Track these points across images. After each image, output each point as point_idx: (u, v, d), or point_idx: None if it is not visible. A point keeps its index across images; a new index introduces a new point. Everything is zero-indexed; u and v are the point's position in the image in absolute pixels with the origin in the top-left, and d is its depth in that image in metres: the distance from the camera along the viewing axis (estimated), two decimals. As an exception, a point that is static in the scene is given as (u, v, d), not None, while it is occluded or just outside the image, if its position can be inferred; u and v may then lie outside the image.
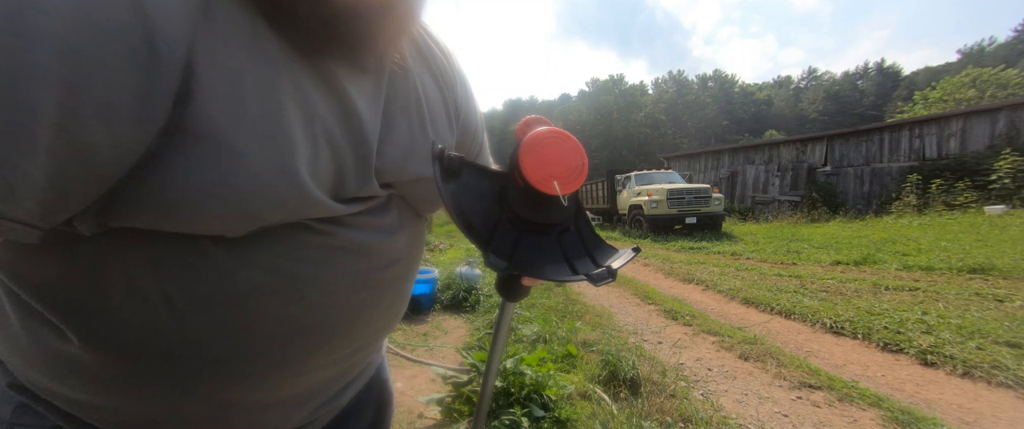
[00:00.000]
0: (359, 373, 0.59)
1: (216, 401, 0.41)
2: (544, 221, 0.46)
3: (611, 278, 0.44)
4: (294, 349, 0.42)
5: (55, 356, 0.38)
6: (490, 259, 0.42)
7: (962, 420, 1.88)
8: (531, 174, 0.41)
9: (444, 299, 3.86)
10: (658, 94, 73.79)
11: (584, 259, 0.47)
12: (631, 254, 0.48)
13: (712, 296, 4.33)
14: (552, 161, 0.42)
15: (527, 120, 0.48)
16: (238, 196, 0.32)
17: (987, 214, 8.90)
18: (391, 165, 0.45)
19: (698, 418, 1.86)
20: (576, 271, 0.45)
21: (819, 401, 2.08)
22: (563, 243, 0.47)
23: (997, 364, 2.27)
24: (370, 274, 0.45)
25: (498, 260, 0.42)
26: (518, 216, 0.45)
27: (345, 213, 0.41)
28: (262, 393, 0.44)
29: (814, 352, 2.72)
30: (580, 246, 0.48)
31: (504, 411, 1.78)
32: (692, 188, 10.44)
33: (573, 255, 0.47)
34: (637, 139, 64.95)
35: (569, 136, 0.43)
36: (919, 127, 12.72)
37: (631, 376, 2.21)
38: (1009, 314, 2.99)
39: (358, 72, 0.41)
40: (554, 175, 0.42)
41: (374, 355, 0.63)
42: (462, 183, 0.44)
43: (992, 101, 21.02)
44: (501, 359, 0.65)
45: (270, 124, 0.33)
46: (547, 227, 0.47)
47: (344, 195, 0.41)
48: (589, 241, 0.49)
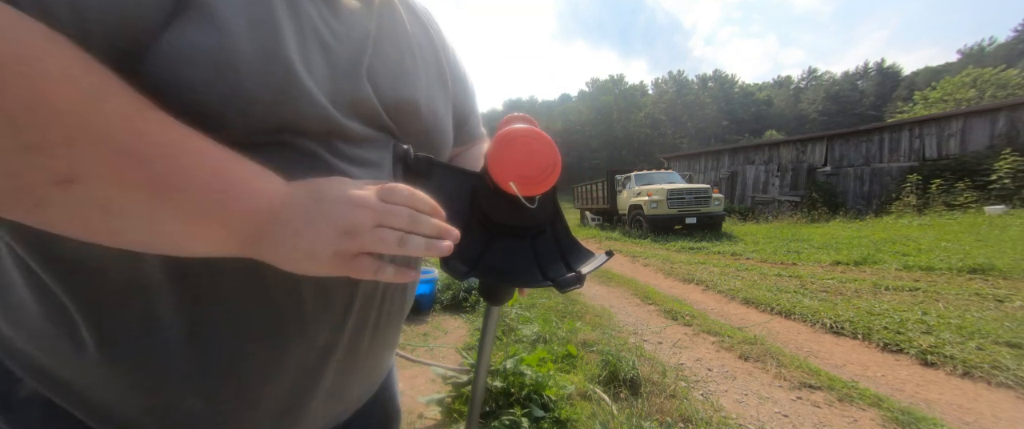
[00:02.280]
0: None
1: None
2: (516, 224, 0.44)
3: (579, 284, 0.42)
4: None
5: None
6: (449, 265, 0.40)
7: (962, 420, 1.88)
8: (497, 175, 0.39)
9: (444, 299, 3.86)
10: (658, 94, 73.86)
11: (557, 264, 0.45)
12: (604, 258, 0.46)
13: (712, 296, 4.33)
14: (520, 162, 0.39)
15: (508, 118, 0.46)
16: (234, 70, 0.33)
17: (987, 214, 8.90)
18: (383, 83, 0.46)
19: (698, 418, 1.86)
20: (546, 276, 0.43)
21: (819, 401, 2.08)
22: (537, 247, 0.45)
23: (997, 364, 2.27)
24: None
25: (458, 266, 0.40)
26: (489, 219, 0.43)
27: (344, 124, 0.42)
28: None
29: (814, 352, 2.72)
30: (554, 250, 0.46)
31: (504, 411, 1.78)
32: (692, 188, 10.43)
33: (546, 260, 0.45)
34: (637, 139, 65.00)
35: (541, 135, 0.40)
36: (919, 127, 12.72)
37: (631, 376, 2.21)
38: (1009, 314, 2.99)
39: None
40: (520, 176, 0.39)
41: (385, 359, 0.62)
42: (431, 185, 0.42)
43: (992, 101, 21.04)
44: (494, 363, 0.66)
45: (259, 9, 0.36)
46: (520, 231, 0.44)
47: (341, 103, 0.42)
48: (565, 245, 0.47)
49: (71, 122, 0.25)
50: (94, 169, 0.26)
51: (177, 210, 0.29)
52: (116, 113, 0.27)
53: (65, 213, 0.27)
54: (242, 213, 0.32)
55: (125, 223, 0.28)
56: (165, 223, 0.29)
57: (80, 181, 0.26)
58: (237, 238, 0.33)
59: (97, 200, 0.27)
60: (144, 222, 0.29)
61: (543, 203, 0.43)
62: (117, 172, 0.27)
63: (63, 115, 0.25)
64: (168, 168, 0.28)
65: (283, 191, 0.35)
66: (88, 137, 0.26)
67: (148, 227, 0.29)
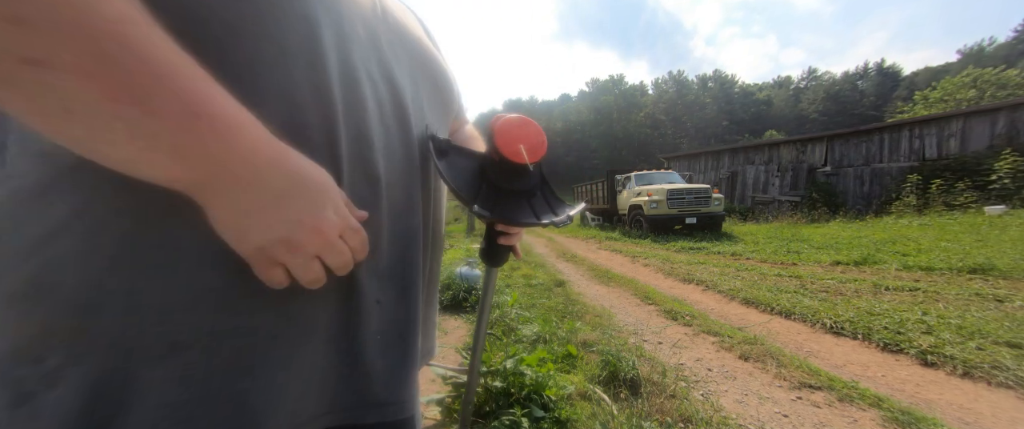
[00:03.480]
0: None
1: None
2: (516, 188, 0.58)
3: (568, 221, 0.61)
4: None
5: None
6: (475, 210, 0.53)
7: (962, 420, 1.88)
8: (504, 148, 0.54)
9: (444, 299, 3.87)
10: (658, 94, 73.83)
11: (548, 214, 0.61)
12: (582, 206, 0.72)
13: (712, 296, 4.33)
14: (520, 138, 0.55)
15: (499, 116, 0.59)
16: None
17: (987, 214, 8.90)
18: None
19: (698, 418, 1.86)
20: (540, 219, 0.59)
21: (819, 401, 2.08)
22: (532, 204, 0.60)
23: (997, 364, 2.27)
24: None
25: (482, 210, 0.54)
26: (495, 185, 0.57)
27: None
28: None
29: (814, 352, 2.72)
30: (545, 206, 0.62)
31: (504, 411, 1.78)
32: (692, 188, 10.42)
33: (540, 212, 0.60)
34: (637, 139, 64.98)
35: (531, 121, 0.57)
36: (919, 127, 12.72)
37: (631, 376, 2.21)
38: (1009, 314, 2.99)
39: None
40: (526, 146, 0.55)
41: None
42: (450, 161, 0.56)
43: (992, 101, 21.04)
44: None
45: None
46: (519, 193, 0.59)
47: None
48: (552, 202, 0.63)
49: (62, 10, 0.25)
50: (67, 63, 0.26)
51: (134, 126, 0.29)
52: (116, 19, 0.27)
53: (26, 95, 0.27)
54: (201, 154, 0.31)
55: (79, 124, 0.28)
56: (116, 135, 0.29)
57: (48, 66, 0.25)
58: (187, 174, 0.32)
59: (58, 90, 0.26)
60: (94, 126, 0.28)
61: (536, 170, 0.59)
62: (89, 74, 0.26)
63: (53, 3, 0.25)
64: (144, 87, 0.28)
65: (266, 158, 0.34)
66: (75, 30, 0.25)
67: (98, 132, 0.29)
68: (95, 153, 0.30)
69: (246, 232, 0.35)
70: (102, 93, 0.27)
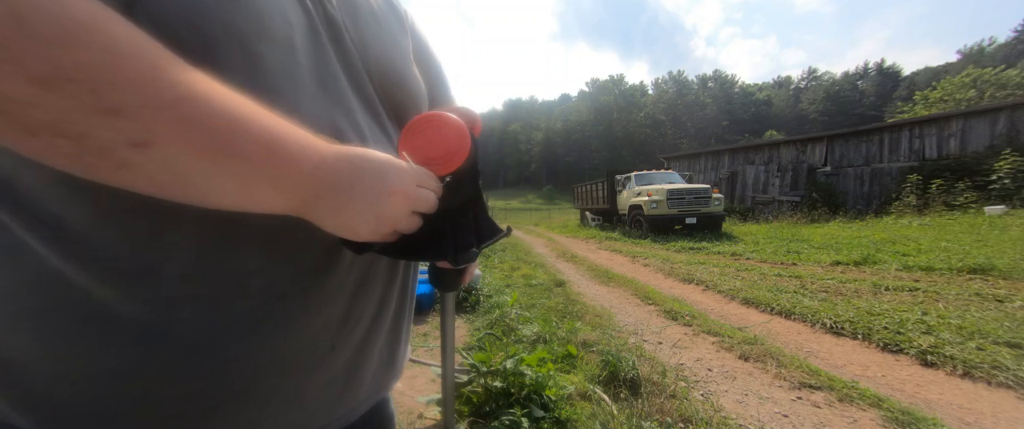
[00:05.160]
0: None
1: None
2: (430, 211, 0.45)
3: (472, 260, 0.51)
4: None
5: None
6: (466, 256, 0.46)
7: (962, 420, 1.88)
8: (400, 147, 0.45)
9: (444, 299, 3.86)
10: (658, 94, 73.85)
11: (470, 245, 0.47)
12: (504, 233, 0.51)
13: (712, 296, 4.33)
14: (426, 144, 0.45)
15: (451, 107, 0.53)
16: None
17: (987, 214, 8.90)
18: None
19: (698, 418, 1.86)
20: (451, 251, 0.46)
21: (819, 401, 2.08)
22: (456, 228, 0.47)
23: (997, 364, 2.27)
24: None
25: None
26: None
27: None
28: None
29: (814, 352, 2.72)
30: (470, 231, 0.48)
31: (504, 411, 1.78)
32: (692, 188, 10.43)
33: (460, 242, 0.47)
34: (637, 139, 64.98)
35: (439, 117, 0.45)
36: (919, 127, 12.72)
37: (631, 376, 2.21)
38: (1009, 314, 2.99)
39: None
40: (426, 158, 0.44)
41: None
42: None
43: (992, 101, 21.05)
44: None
45: None
46: (434, 217, 0.45)
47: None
48: (482, 225, 0.49)
49: (143, 89, 0.27)
50: (164, 134, 0.28)
51: (234, 173, 0.32)
52: (178, 82, 0.29)
53: (144, 174, 0.29)
54: (291, 180, 0.34)
55: (190, 183, 0.31)
56: (224, 184, 0.32)
57: (153, 145, 0.28)
58: (289, 201, 0.35)
59: (168, 161, 0.29)
60: (206, 182, 0.31)
61: (458, 185, 0.46)
62: (183, 137, 0.29)
63: (133, 84, 0.27)
64: (226, 135, 0.31)
65: (329, 161, 0.37)
66: (157, 103, 0.28)
67: (209, 186, 0.31)
68: (215, 204, 0.33)
69: (354, 226, 0.38)
70: (200, 152, 0.30)
